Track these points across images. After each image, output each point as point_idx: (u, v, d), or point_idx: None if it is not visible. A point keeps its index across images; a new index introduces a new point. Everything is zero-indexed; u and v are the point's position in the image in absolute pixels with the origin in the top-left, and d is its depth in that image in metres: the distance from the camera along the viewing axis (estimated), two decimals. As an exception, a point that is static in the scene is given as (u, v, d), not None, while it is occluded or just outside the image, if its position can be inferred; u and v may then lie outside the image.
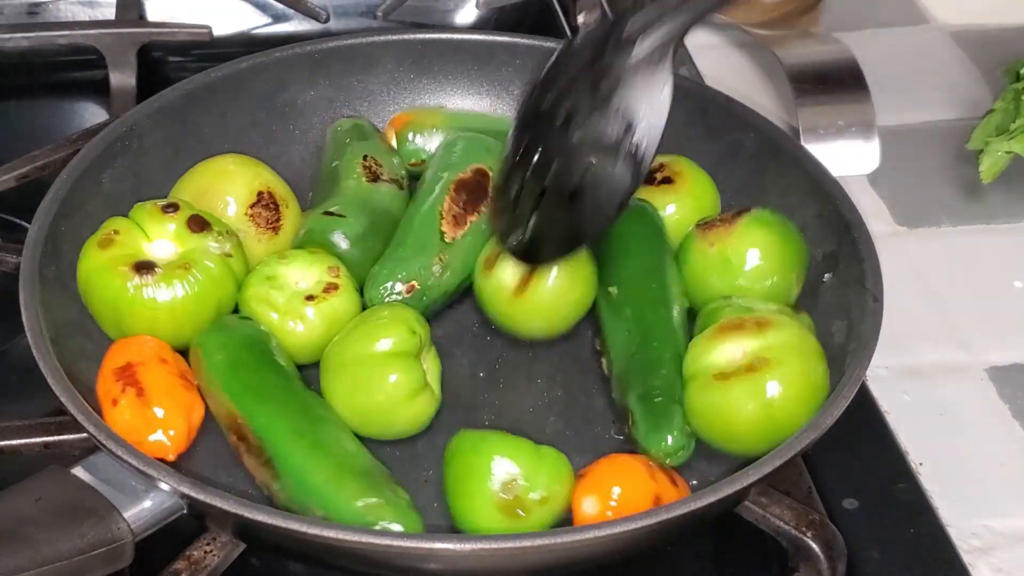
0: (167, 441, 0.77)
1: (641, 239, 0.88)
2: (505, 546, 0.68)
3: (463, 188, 0.91)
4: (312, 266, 0.85)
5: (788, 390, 0.76)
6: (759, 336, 0.78)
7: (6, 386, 0.88)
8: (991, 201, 1.04)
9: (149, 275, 0.81)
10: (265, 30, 1.23)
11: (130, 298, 0.81)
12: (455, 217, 0.90)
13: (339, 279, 0.85)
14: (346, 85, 1.01)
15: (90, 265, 0.82)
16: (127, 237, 0.83)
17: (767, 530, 0.76)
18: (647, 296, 0.85)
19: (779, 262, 0.86)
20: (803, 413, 0.75)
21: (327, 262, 0.86)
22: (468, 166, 0.92)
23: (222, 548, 0.74)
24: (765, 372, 0.76)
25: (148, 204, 0.85)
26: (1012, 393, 0.89)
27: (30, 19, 1.18)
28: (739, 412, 0.77)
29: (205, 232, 0.84)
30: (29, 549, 0.66)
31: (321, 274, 0.85)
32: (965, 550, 0.79)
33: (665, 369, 0.81)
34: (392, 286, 0.86)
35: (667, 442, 0.77)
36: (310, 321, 0.83)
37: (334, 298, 0.84)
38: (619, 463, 0.76)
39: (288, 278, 0.85)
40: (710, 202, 0.93)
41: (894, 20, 1.25)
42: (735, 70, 1.17)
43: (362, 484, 0.74)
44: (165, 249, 0.83)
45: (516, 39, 1.03)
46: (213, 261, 0.83)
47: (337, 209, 0.89)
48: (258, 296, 0.84)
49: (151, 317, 0.81)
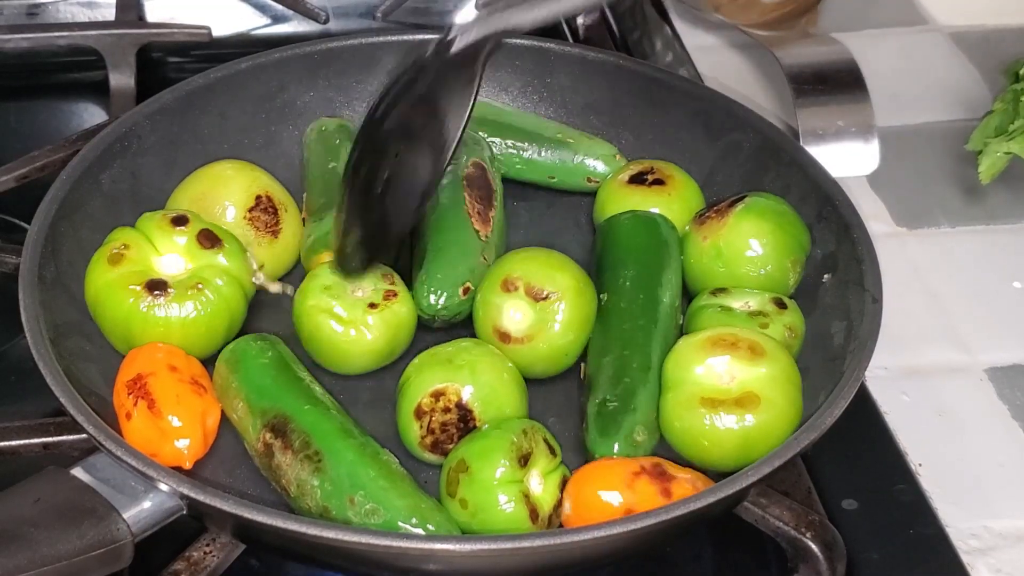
0: (183, 450, 0.77)
1: (641, 250, 0.88)
2: (505, 546, 0.68)
3: (473, 184, 0.91)
4: (366, 273, 0.84)
5: (770, 429, 0.77)
6: (751, 364, 0.78)
7: (6, 386, 0.88)
8: (990, 202, 1.04)
9: (162, 296, 0.81)
10: (265, 31, 1.23)
11: (142, 317, 0.80)
12: (479, 214, 0.90)
13: (395, 285, 0.84)
14: (346, 85, 1.01)
15: (100, 282, 0.81)
16: (136, 252, 0.82)
17: (766, 531, 0.76)
18: (632, 306, 0.85)
19: (773, 250, 0.87)
20: (776, 444, 0.75)
21: (380, 269, 0.85)
22: (468, 160, 0.92)
23: (221, 549, 0.74)
24: (753, 410, 0.77)
25: (157, 215, 0.84)
26: (1011, 394, 0.89)
27: (30, 20, 1.18)
28: (720, 441, 0.77)
29: (216, 248, 0.83)
30: (28, 550, 0.66)
31: (376, 281, 0.84)
32: (964, 551, 0.79)
33: (628, 378, 0.81)
34: (450, 291, 0.85)
35: (612, 449, 0.78)
36: (374, 329, 0.83)
37: (396, 304, 0.83)
38: (604, 466, 0.76)
39: (344, 287, 0.84)
40: (697, 204, 0.93)
41: (893, 21, 1.25)
42: (734, 71, 1.17)
43: (411, 486, 0.74)
44: (175, 264, 0.83)
45: (516, 40, 1.03)
46: (224, 279, 0.82)
47: None
48: (319, 307, 0.83)
49: (163, 336, 0.81)
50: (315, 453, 0.75)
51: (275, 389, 0.79)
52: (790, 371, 0.79)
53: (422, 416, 0.78)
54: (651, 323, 0.84)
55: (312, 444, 0.75)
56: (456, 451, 0.76)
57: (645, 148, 0.99)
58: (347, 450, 0.75)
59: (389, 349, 0.84)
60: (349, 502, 0.73)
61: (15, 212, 0.99)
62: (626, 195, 0.93)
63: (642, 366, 0.81)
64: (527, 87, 1.03)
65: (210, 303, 0.81)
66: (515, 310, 0.83)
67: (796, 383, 0.79)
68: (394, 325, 0.83)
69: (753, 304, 0.85)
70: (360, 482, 0.73)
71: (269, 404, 0.78)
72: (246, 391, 0.79)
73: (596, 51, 1.03)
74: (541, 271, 0.84)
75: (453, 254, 0.87)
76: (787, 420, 0.77)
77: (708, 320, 0.84)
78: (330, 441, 0.75)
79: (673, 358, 0.81)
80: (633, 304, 0.85)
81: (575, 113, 1.02)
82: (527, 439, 0.75)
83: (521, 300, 0.83)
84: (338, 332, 0.83)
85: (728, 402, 0.77)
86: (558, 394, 0.85)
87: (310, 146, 0.97)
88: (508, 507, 0.73)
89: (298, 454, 0.75)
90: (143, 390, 0.77)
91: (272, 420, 0.77)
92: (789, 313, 0.84)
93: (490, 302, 0.84)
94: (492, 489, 0.73)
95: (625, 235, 0.90)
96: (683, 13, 1.22)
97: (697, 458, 0.78)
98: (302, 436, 0.76)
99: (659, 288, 0.86)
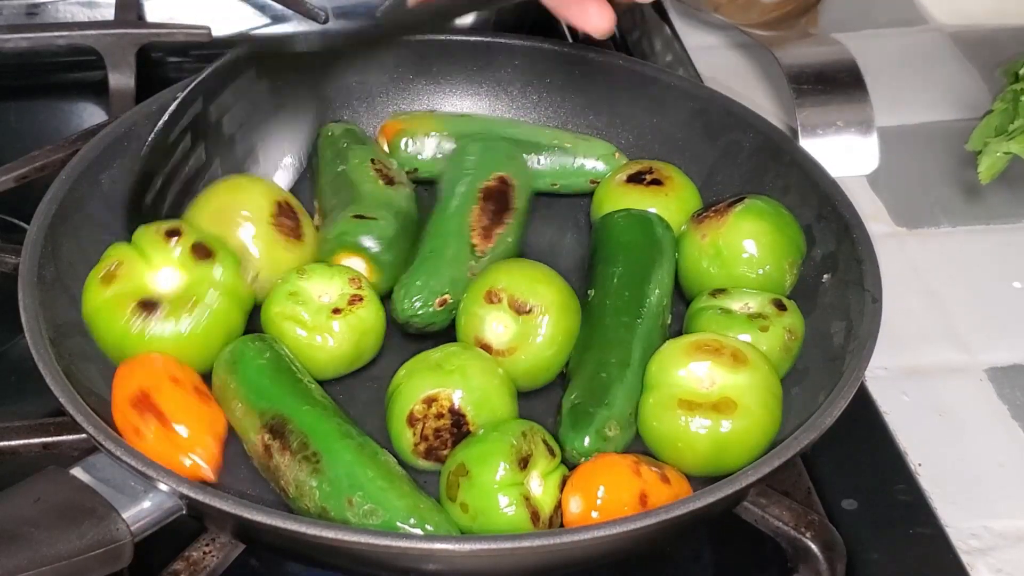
0: (202, 462, 0.76)
1: (632, 247, 0.88)
2: (504, 546, 0.68)
3: (490, 197, 0.90)
4: (333, 278, 0.84)
5: (745, 437, 0.77)
6: (732, 371, 0.78)
7: (5, 386, 0.88)
8: (990, 202, 1.04)
9: (153, 314, 0.80)
10: (265, 31, 1.23)
11: (136, 337, 0.80)
12: (484, 229, 0.89)
13: (362, 290, 0.84)
14: (345, 85, 1.01)
15: (94, 303, 0.81)
16: (129, 269, 0.81)
17: (766, 530, 0.76)
18: (618, 303, 0.85)
19: (771, 251, 0.87)
20: (751, 456, 0.75)
21: (348, 273, 0.85)
22: (491, 173, 0.92)
23: (221, 549, 0.74)
24: (729, 417, 0.77)
25: (152, 228, 0.83)
26: (1011, 393, 0.89)
27: (29, 20, 1.18)
28: (693, 443, 0.77)
29: (210, 260, 0.82)
30: (28, 549, 0.66)
31: (344, 286, 0.84)
32: (964, 551, 0.79)
33: (605, 374, 0.81)
34: (425, 298, 0.85)
35: (583, 443, 0.78)
36: (338, 335, 0.82)
37: (360, 309, 0.83)
38: (604, 462, 0.76)
39: (311, 292, 0.84)
40: (695, 204, 0.93)
41: (893, 21, 1.24)
42: (734, 70, 1.17)
43: (410, 486, 0.74)
44: (169, 279, 0.81)
45: (515, 40, 1.03)
46: (219, 292, 0.81)
47: (366, 212, 0.89)
48: (283, 314, 0.83)
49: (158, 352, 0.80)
50: (313, 454, 0.75)
51: (273, 390, 0.79)
52: (771, 381, 0.79)
53: (415, 423, 0.78)
54: (635, 320, 0.84)
55: (310, 445, 0.75)
56: (455, 455, 0.76)
57: (644, 148, 0.99)
58: (345, 451, 0.75)
59: (356, 354, 0.84)
60: (348, 503, 0.73)
61: (15, 212, 0.99)
62: (623, 194, 0.93)
63: (621, 362, 0.81)
64: (526, 87, 1.03)
65: (203, 318, 0.80)
66: (498, 322, 0.82)
67: (776, 394, 0.79)
68: (359, 330, 0.83)
69: (753, 306, 0.85)
70: (358, 483, 0.73)
71: (267, 405, 0.78)
72: (244, 392, 0.79)
73: (595, 51, 1.03)
74: (525, 284, 0.83)
75: (437, 263, 0.87)
76: (763, 429, 0.77)
77: (707, 323, 0.84)
78: (328, 442, 0.75)
79: (657, 359, 0.81)
80: (619, 301, 0.85)
81: (574, 113, 1.02)
82: (526, 441, 0.75)
83: (504, 312, 0.82)
84: (302, 338, 0.82)
85: (705, 406, 0.77)
86: (555, 395, 0.85)
87: (318, 151, 0.96)
88: (509, 510, 0.73)
89: (296, 455, 0.75)
90: (150, 405, 0.76)
91: (271, 421, 0.77)
92: (789, 315, 0.84)
93: (473, 313, 0.83)
94: (492, 493, 0.73)
95: (618, 233, 0.90)
96: (683, 13, 1.22)
97: (671, 459, 0.78)
98: (300, 437, 0.76)
99: (647, 286, 0.86)
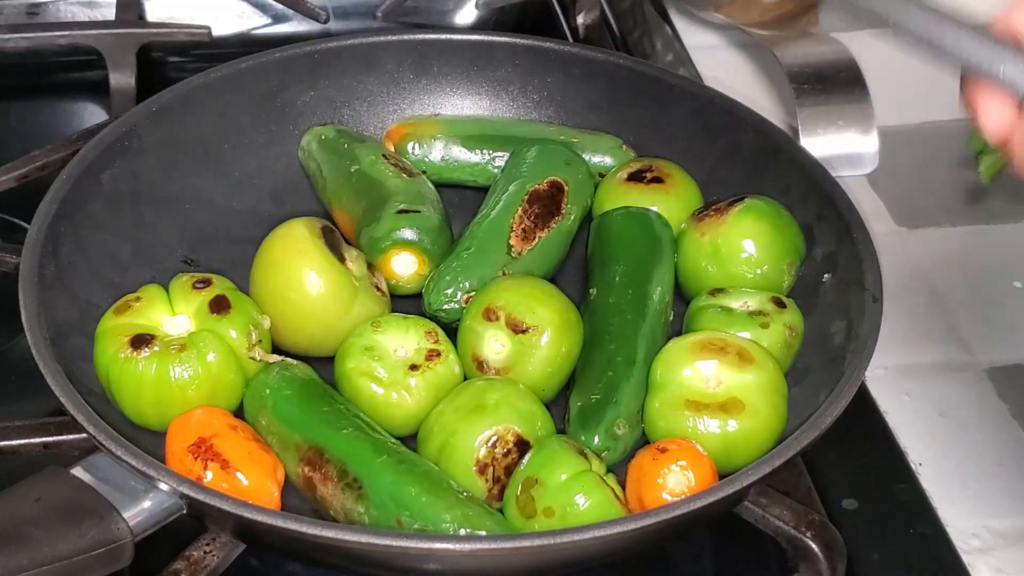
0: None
1: (632, 245, 0.88)
2: (505, 546, 0.68)
3: (537, 200, 0.90)
4: (409, 331, 0.82)
5: (752, 436, 0.77)
6: (738, 371, 0.78)
7: (6, 386, 0.88)
8: (991, 201, 1.04)
9: (141, 351, 0.78)
10: (265, 30, 1.23)
11: (119, 366, 0.78)
12: (524, 231, 0.89)
13: (439, 344, 0.82)
14: (346, 86, 1.01)
15: (100, 328, 0.81)
16: (147, 306, 0.80)
17: (766, 530, 0.76)
18: (621, 301, 0.85)
19: (769, 251, 0.87)
20: (759, 456, 0.75)
21: (424, 326, 0.82)
22: (544, 177, 0.91)
23: (221, 548, 0.74)
24: (736, 416, 0.77)
25: (186, 276, 0.82)
26: (1012, 393, 0.89)
27: (30, 19, 1.18)
28: (701, 443, 0.76)
29: (223, 314, 0.80)
30: (29, 549, 0.66)
31: (420, 339, 0.81)
32: (965, 550, 0.79)
33: (612, 371, 0.81)
34: (453, 293, 0.85)
35: (593, 441, 0.78)
36: (415, 391, 0.80)
37: (438, 366, 0.80)
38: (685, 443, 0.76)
39: (387, 347, 0.81)
40: (696, 203, 0.93)
41: (893, 21, 1.24)
42: (734, 70, 1.17)
43: (455, 493, 0.74)
44: (181, 326, 0.80)
45: (516, 39, 1.03)
46: (216, 349, 0.79)
47: (407, 205, 0.88)
48: (359, 369, 0.80)
49: (135, 390, 0.78)
50: (354, 480, 0.74)
51: (303, 420, 0.77)
52: (777, 380, 0.79)
53: (485, 469, 0.76)
54: (639, 318, 0.84)
55: (349, 472, 0.74)
56: (515, 476, 0.75)
57: (645, 148, 0.99)
58: (385, 471, 0.74)
59: (430, 410, 0.80)
60: (397, 524, 0.72)
61: (15, 212, 0.99)
62: (624, 192, 0.93)
63: (627, 360, 0.81)
64: (527, 87, 1.03)
65: (187, 369, 0.78)
66: (495, 340, 0.82)
67: (782, 392, 0.79)
68: (436, 386, 0.80)
69: (752, 304, 0.85)
70: (403, 503, 0.72)
71: (301, 437, 0.76)
72: (276, 426, 0.78)
73: (596, 51, 1.03)
74: (524, 303, 0.82)
75: (471, 260, 0.87)
76: (770, 429, 0.77)
77: (708, 321, 0.84)
78: (366, 465, 0.74)
79: (662, 359, 0.81)
80: (622, 299, 0.85)
81: (575, 113, 1.02)
82: (572, 441, 0.76)
83: (501, 331, 0.82)
84: (379, 395, 0.80)
85: (712, 406, 0.77)
86: (557, 398, 0.85)
87: (316, 156, 0.96)
88: (594, 494, 0.73)
89: (338, 484, 0.74)
90: (211, 452, 0.74)
91: (307, 453, 0.76)
92: (789, 312, 0.84)
93: (471, 329, 0.83)
94: (571, 483, 0.73)
95: (618, 230, 0.90)
96: (683, 13, 1.22)
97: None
98: (338, 464, 0.74)
99: (649, 284, 0.86)
